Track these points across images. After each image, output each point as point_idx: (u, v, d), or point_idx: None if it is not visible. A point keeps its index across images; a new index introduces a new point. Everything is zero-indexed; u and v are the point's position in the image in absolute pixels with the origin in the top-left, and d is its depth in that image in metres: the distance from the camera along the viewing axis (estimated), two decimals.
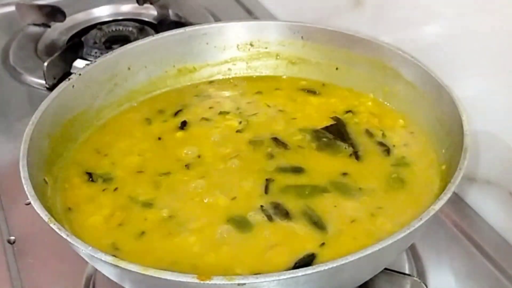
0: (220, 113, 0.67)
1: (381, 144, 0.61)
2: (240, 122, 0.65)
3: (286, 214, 0.53)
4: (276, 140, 0.62)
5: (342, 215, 0.53)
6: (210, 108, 0.68)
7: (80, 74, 0.63)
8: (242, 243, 0.51)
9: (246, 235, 0.51)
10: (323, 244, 0.50)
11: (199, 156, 0.60)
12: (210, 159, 0.60)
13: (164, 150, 0.62)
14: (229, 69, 0.73)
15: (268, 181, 0.56)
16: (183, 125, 0.65)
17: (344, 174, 0.57)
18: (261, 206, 0.53)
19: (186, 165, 0.59)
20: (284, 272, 0.41)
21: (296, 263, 0.48)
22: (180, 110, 0.67)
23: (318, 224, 0.52)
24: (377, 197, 0.55)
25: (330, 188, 0.55)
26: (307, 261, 0.48)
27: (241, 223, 0.52)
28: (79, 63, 0.89)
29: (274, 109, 0.67)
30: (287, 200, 0.54)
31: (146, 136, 0.64)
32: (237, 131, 0.64)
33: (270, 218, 0.52)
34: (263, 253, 0.49)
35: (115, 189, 0.57)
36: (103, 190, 0.57)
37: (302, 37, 0.71)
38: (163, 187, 0.57)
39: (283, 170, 0.58)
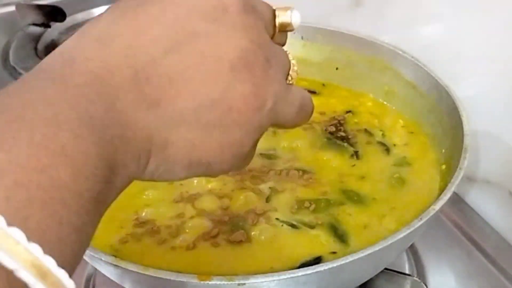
0: None
1: (381, 144, 0.61)
2: None
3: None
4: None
5: (356, 222, 0.52)
6: None
7: None
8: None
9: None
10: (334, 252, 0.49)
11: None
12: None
13: None
14: None
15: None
16: None
17: (348, 174, 0.57)
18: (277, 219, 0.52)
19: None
20: (284, 272, 0.41)
21: (300, 265, 0.47)
22: None
23: (342, 237, 0.51)
24: (381, 197, 0.55)
25: (337, 194, 0.55)
26: (312, 263, 0.47)
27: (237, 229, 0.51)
28: None
29: None
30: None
31: None
32: None
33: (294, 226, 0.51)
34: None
35: None
36: None
37: (302, 37, 0.71)
38: (163, 188, 0.57)
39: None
